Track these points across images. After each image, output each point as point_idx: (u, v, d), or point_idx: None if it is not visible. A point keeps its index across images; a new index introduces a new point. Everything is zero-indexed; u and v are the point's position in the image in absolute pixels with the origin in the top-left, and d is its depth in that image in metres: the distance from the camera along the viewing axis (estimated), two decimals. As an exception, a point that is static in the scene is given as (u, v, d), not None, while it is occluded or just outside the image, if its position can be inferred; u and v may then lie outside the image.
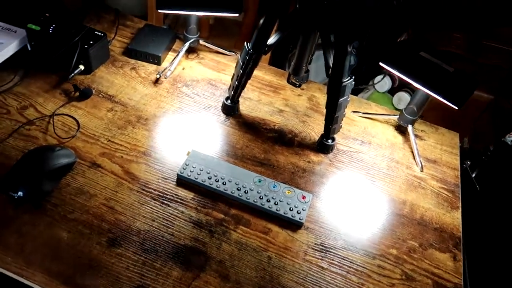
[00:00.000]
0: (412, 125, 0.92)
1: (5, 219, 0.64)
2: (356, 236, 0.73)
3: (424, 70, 0.78)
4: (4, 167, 0.70)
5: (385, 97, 1.43)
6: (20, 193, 0.65)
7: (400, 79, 0.89)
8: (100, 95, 0.88)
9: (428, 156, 0.91)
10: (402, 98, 1.39)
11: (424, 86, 0.79)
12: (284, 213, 0.72)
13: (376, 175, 0.84)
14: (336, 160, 0.86)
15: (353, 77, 0.78)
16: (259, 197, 0.74)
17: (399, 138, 0.94)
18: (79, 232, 0.65)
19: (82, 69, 0.89)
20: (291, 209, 0.73)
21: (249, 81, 0.89)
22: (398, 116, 0.94)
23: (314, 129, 0.91)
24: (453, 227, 0.78)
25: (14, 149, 0.74)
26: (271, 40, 0.80)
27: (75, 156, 0.74)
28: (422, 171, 0.87)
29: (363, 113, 0.97)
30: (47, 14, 0.90)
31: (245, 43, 0.80)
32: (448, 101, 0.76)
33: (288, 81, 0.88)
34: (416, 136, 0.94)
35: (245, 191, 0.74)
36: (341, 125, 0.85)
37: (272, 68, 1.05)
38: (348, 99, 0.80)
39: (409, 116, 0.91)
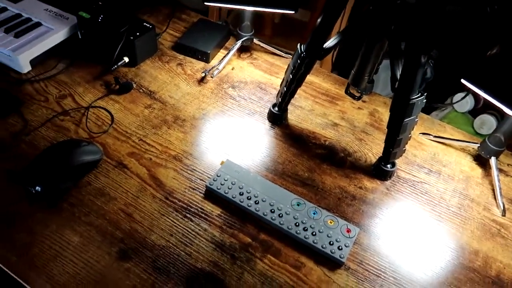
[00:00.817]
0: (497, 158, 0.75)
1: (17, 215, 0.60)
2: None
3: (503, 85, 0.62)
4: (28, 158, 0.66)
5: (465, 118, 1.23)
6: (37, 188, 0.61)
7: (486, 100, 0.73)
8: (141, 90, 0.82)
9: (513, 197, 0.74)
10: (486, 122, 1.19)
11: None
12: (322, 246, 0.61)
13: (443, 214, 0.69)
14: (394, 189, 0.72)
15: (425, 94, 0.64)
16: (295, 224, 0.63)
17: (478, 171, 0.77)
18: (90, 238, 0.59)
19: (127, 61, 0.85)
20: (332, 243, 0.61)
21: (302, 88, 0.78)
22: (479, 145, 0.78)
23: (372, 149, 0.78)
24: (539, 294, 0.61)
25: (44, 139, 0.71)
26: (329, 43, 0.68)
27: (101, 154, 0.69)
28: (504, 215, 0.71)
29: (435, 136, 0.82)
30: (99, 2, 0.87)
31: (299, 44, 0.70)
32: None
33: (346, 92, 0.77)
34: (500, 170, 0.77)
35: (279, 215, 0.64)
36: (405, 149, 0.71)
37: (332, 75, 0.93)
38: (416, 119, 0.66)
39: (493, 146, 0.74)
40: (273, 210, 0.64)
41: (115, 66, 0.83)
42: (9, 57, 0.80)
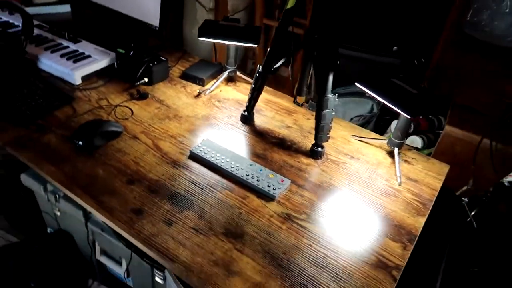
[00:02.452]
0: (399, 148, 1.06)
1: (67, 157, 0.93)
2: (319, 216, 0.87)
3: (391, 91, 0.96)
4: (74, 130, 1.01)
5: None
6: (80, 143, 0.95)
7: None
8: (154, 99, 1.19)
9: (411, 176, 1.03)
10: (414, 141, 1.50)
11: (388, 102, 0.96)
12: (262, 187, 0.90)
13: (355, 181, 0.99)
14: (323, 165, 1.03)
15: (336, 94, 0.98)
16: (246, 174, 0.93)
17: (388, 160, 1.07)
18: (110, 172, 0.91)
19: (146, 81, 1.23)
20: (269, 185, 0.91)
21: (269, 104, 1.13)
22: (387, 140, 1.09)
23: (312, 142, 1.10)
24: (413, 227, 0.88)
25: (85, 120, 1.06)
26: (277, 64, 1.05)
27: (123, 128, 1.03)
28: (400, 185, 0.99)
29: (359, 137, 1.13)
30: (132, 44, 1.28)
31: (258, 65, 1.06)
32: (402, 111, 0.92)
33: (294, 101, 1.11)
34: (405, 161, 1.07)
35: (237, 169, 0.95)
36: (328, 136, 1.02)
37: (292, 99, 1.28)
38: (333, 112, 0.99)
39: (395, 140, 1.05)
40: (233, 167, 0.95)
41: (138, 83, 1.21)
42: (68, 74, 1.19)
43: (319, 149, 1.04)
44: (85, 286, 1.37)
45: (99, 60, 1.25)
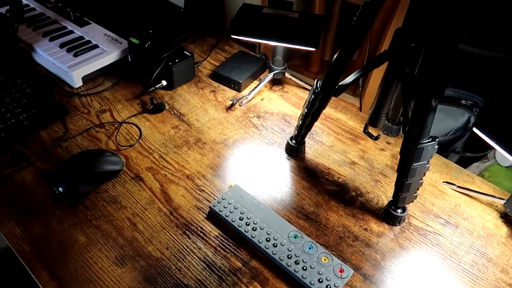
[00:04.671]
0: (524, 217, 0.70)
1: (41, 209, 0.68)
2: None
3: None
4: (61, 161, 0.74)
5: (508, 173, 1.14)
6: (60, 189, 0.68)
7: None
8: (172, 112, 0.89)
9: (541, 263, 0.67)
10: None
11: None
12: (310, 283, 0.60)
13: (452, 270, 0.65)
14: (402, 236, 0.69)
15: (437, 139, 0.62)
16: (288, 256, 0.63)
17: (503, 229, 0.72)
18: (95, 241, 0.64)
19: (164, 85, 0.92)
20: (321, 280, 0.60)
21: (326, 124, 0.80)
22: (505, 201, 0.72)
23: (387, 192, 0.76)
24: None
25: (78, 146, 0.79)
26: (345, 80, 0.69)
27: (122, 165, 0.75)
28: (524, 281, 0.64)
29: (458, 186, 0.77)
30: (150, 31, 0.97)
31: (316, 80, 0.72)
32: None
33: (364, 131, 0.76)
34: (530, 232, 0.71)
35: (274, 244, 0.64)
36: (416, 195, 0.68)
37: (361, 114, 0.93)
38: (428, 165, 0.64)
39: (520, 204, 0.69)
40: (268, 239, 0.65)
41: (153, 88, 0.91)
42: (66, 73, 0.91)
43: (399, 212, 0.70)
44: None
45: (108, 53, 0.96)
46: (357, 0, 1.08)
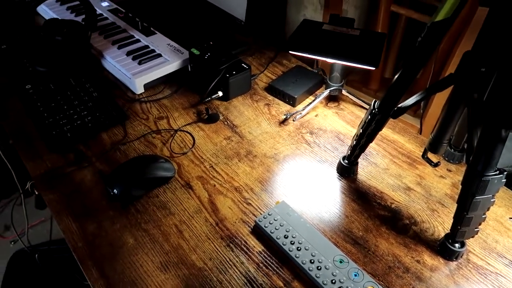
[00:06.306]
0: None
1: (96, 208, 0.71)
2: None
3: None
4: (118, 164, 0.78)
5: None
6: (115, 191, 0.71)
7: None
8: (225, 123, 0.90)
9: None
10: None
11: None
12: (353, 312, 0.57)
13: (515, 317, 0.59)
14: (459, 273, 0.64)
15: (505, 172, 0.57)
16: (332, 281, 0.60)
17: None
18: (142, 244, 0.66)
19: (220, 95, 0.94)
20: (365, 311, 0.57)
21: (382, 145, 0.77)
22: None
23: (445, 223, 0.71)
24: None
25: (135, 151, 0.82)
26: (405, 103, 0.66)
27: (174, 172, 0.77)
28: None
29: (527, 224, 0.70)
30: (211, 42, 0.99)
31: (374, 100, 0.69)
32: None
33: (423, 156, 0.72)
34: None
35: (318, 267, 0.62)
36: (477, 230, 0.63)
37: (420, 137, 0.88)
38: (493, 199, 0.59)
39: None
40: (312, 261, 0.63)
41: (209, 98, 0.93)
42: (129, 79, 0.96)
43: (457, 246, 0.65)
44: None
45: (170, 62, 1.00)
46: (423, 18, 1.03)
